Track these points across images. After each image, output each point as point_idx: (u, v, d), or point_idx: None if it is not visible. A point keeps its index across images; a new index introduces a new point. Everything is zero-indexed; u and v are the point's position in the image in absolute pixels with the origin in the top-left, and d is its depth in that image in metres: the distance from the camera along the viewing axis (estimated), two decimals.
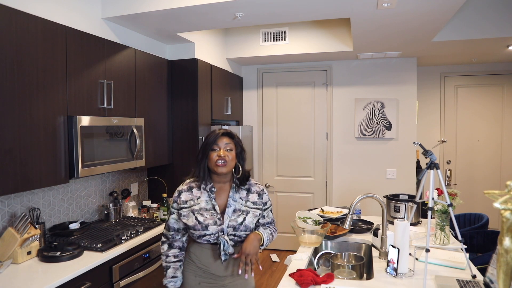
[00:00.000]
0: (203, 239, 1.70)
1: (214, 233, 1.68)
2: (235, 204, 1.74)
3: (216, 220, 1.69)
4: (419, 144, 1.97)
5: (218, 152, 1.69)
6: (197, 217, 1.68)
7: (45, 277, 1.80)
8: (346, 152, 4.48)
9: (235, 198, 1.75)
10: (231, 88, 4.28)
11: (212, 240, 1.70)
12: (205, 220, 1.68)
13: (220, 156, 1.68)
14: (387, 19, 2.76)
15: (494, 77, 4.97)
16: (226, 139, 1.73)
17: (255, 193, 1.79)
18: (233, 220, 1.70)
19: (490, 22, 3.29)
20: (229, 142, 1.73)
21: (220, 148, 1.70)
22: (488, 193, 1.30)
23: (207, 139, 1.73)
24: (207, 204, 1.71)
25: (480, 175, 5.07)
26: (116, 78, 2.62)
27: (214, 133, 1.75)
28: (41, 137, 2.02)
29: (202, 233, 1.68)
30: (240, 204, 1.74)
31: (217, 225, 1.68)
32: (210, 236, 1.69)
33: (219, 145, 1.71)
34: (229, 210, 1.71)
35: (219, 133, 1.74)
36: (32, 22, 1.97)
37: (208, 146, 1.71)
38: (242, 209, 1.74)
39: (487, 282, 1.59)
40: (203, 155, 1.73)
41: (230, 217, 1.70)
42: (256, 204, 1.77)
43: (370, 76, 4.38)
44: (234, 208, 1.73)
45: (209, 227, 1.67)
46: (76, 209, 2.66)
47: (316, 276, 1.75)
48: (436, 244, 2.25)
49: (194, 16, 2.67)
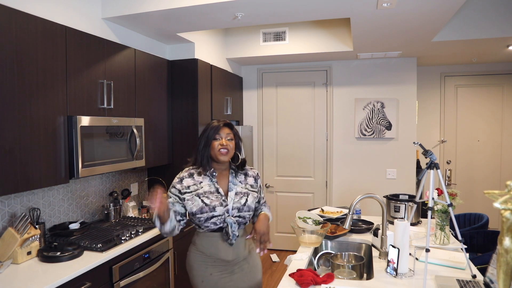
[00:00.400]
0: (210, 222, 1.76)
1: (221, 214, 1.76)
2: (236, 187, 1.86)
3: (221, 201, 1.78)
4: (419, 144, 1.97)
5: (221, 141, 1.81)
6: (203, 199, 1.77)
7: (45, 277, 1.80)
8: (346, 152, 4.48)
9: (235, 182, 1.88)
10: (231, 88, 4.29)
11: (219, 223, 1.77)
12: (211, 202, 1.76)
13: (223, 145, 1.80)
14: (387, 19, 2.76)
15: (494, 77, 4.97)
16: (227, 129, 1.85)
17: (252, 177, 1.95)
18: (236, 202, 1.82)
19: (490, 22, 3.29)
20: (229, 132, 1.85)
21: (222, 138, 1.81)
22: (488, 193, 1.30)
23: (209, 129, 1.83)
24: (210, 188, 1.80)
25: (480, 175, 5.07)
26: (116, 78, 2.62)
27: (215, 124, 1.84)
28: (41, 137, 2.02)
29: (210, 214, 1.75)
30: (241, 187, 1.87)
31: (223, 206, 1.78)
32: (217, 218, 1.76)
33: (221, 135, 1.82)
34: (232, 193, 1.83)
35: (221, 123, 1.85)
36: (32, 22, 1.97)
37: (210, 136, 1.81)
38: (243, 192, 1.86)
39: (487, 282, 1.59)
40: (205, 144, 1.82)
41: (234, 199, 1.81)
42: (253, 187, 1.93)
43: (370, 76, 4.38)
44: (236, 191, 1.84)
45: (216, 208, 1.76)
46: (76, 209, 2.66)
47: (316, 276, 1.75)
48: (436, 244, 2.25)
49: (194, 16, 2.67)
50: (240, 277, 1.84)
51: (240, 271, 1.85)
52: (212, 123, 1.86)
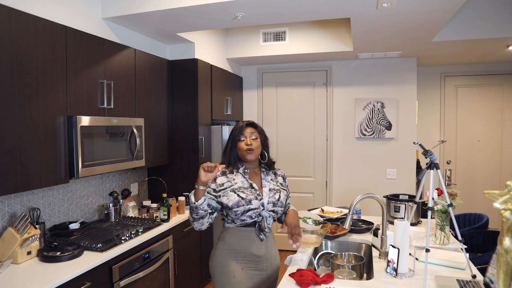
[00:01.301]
0: (246, 216, 1.80)
1: (257, 207, 1.81)
2: (269, 184, 1.92)
3: (256, 196, 1.83)
4: (419, 144, 1.97)
5: (246, 141, 1.86)
6: (239, 194, 1.81)
7: (45, 277, 1.80)
8: (346, 152, 4.48)
9: (267, 179, 1.94)
10: (231, 88, 4.28)
11: (254, 216, 1.82)
12: (247, 196, 1.81)
13: (248, 144, 1.85)
14: (387, 19, 2.76)
15: (494, 77, 4.97)
16: (250, 128, 1.91)
17: (281, 177, 2.03)
18: (271, 197, 1.87)
19: (490, 22, 3.29)
20: (253, 131, 1.90)
21: (246, 137, 1.87)
22: (488, 193, 1.30)
23: (234, 131, 1.90)
24: (243, 184, 1.85)
25: (480, 175, 5.07)
26: (116, 78, 2.62)
27: (239, 125, 1.91)
28: (41, 137, 2.02)
29: (247, 207, 1.80)
30: (273, 184, 1.93)
31: (258, 200, 1.83)
32: (253, 212, 1.81)
33: (245, 135, 1.87)
34: (266, 189, 1.89)
35: (244, 124, 1.91)
36: (32, 22, 1.97)
37: (236, 137, 1.88)
38: (276, 188, 1.92)
39: (487, 282, 1.59)
40: (232, 146, 1.89)
41: (268, 194, 1.87)
42: (283, 185, 2.00)
43: (370, 76, 4.38)
44: (270, 187, 1.90)
45: (252, 201, 1.81)
46: (76, 209, 2.66)
47: (316, 276, 1.75)
48: (436, 244, 2.25)
49: (194, 16, 2.67)
50: (269, 273, 1.92)
51: (270, 267, 1.92)
52: (237, 125, 1.92)
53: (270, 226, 1.88)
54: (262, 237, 1.85)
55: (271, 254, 1.94)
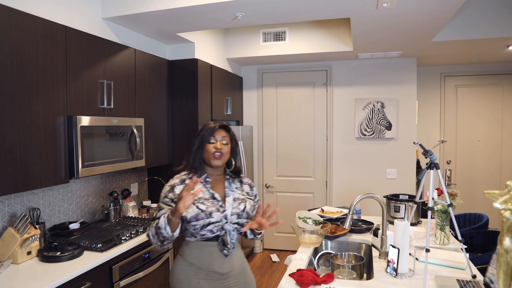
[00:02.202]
0: (206, 230, 1.64)
1: (218, 220, 1.65)
2: (233, 193, 1.74)
3: (218, 207, 1.67)
4: (419, 144, 1.97)
5: (215, 144, 1.69)
6: (198, 206, 1.64)
7: (45, 277, 1.80)
8: (346, 152, 4.48)
9: (231, 188, 1.76)
10: (231, 88, 4.29)
11: (216, 230, 1.65)
12: (207, 207, 1.64)
13: (217, 148, 1.69)
14: (387, 19, 2.76)
15: (494, 77, 4.97)
16: (223, 132, 1.74)
17: (247, 185, 1.84)
18: (235, 208, 1.70)
19: (490, 22, 3.29)
20: (225, 136, 1.73)
21: (217, 141, 1.70)
22: (488, 193, 1.30)
23: (204, 131, 1.72)
24: (204, 194, 1.69)
25: (480, 175, 5.07)
26: (116, 78, 2.62)
27: (211, 125, 1.73)
28: (41, 137, 2.02)
29: (207, 221, 1.63)
30: (238, 194, 1.76)
31: (220, 212, 1.66)
32: (214, 225, 1.64)
33: (216, 138, 1.71)
34: (229, 199, 1.71)
35: (216, 125, 1.73)
36: (32, 22, 1.97)
37: (205, 137, 1.71)
38: (241, 198, 1.75)
39: (487, 282, 1.59)
40: (199, 147, 1.71)
41: (232, 205, 1.70)
42: (249, 194, 1.81)
43: (370, 76, 4.38)
44: (234, 197, 1.73)
45: (213, 214, 1.64)
46: (76, 209, 2.66)
47: (316, 276, 1.75)
48: (436, 244, 2.25)
49: (194, 16, 2.67)
50: None
51: (235, 286, 1.71)
52: (208, 124, 1.75)
53: (234, 241, 1.70)
54: (226, 252, 1.66)
55: (239, 270, 1.73)
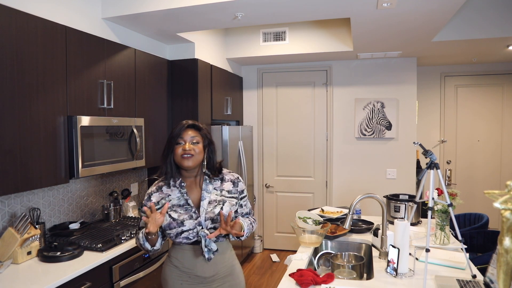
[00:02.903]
0: (181, 237, 1.61)
1: (192, 228, 1.60)
2: (210, 195, 1.67)
3: (192, 214, 1.62)
4: (419, 144, 1.97)
5: (183, 146, 1.62)
6: (170, 214, 1.61)
7: (45, 277, 1.80)
8: (346, 152, 4.48)
9: (208, 189, 1.68)
10: (231, 88, 4.29)
11: (192, 237, 1.61)
12: (179, 216, 1.61)
13: (185, 150, 1.61)
14: (387, 19, 2.76)
15: (494, 77, 4.97)
16: (192, 131, 1.66)
17: (229, 182, 1.74)
18: (209, 212, 1.63)
19: (490, 22, 3.29)
20: (195, 135, 1.65)
21: (185, 142, 1.63)
22: (488, 193, 1.30)
23: (172, 132, 1.65)
24: (179, 200, 1.64)
25: (480, 175, 5.07)
26: (116, 78, 2.62)
27: (179, 126, 1.66)
28: (41, 137, 2.02)
29: (179, 230, 1.60)
30: (215, 195, 1.68)
31: (193, 219, 1.61)
32: (188, 233, 1.60)
33: (184, 138, 1.63)
34: (204, 203, 1.64)
35: (184, 125, 1.66)
36: (32, 22, 1.97)
37: (173, 139, 1.64)
38: (217, 199, 1.67)
39: (487, 282, 1.59)
40: (168, 150, 1.65)
41: (206, 209, 1.63)
42: (231, 192, 1.72)
43: (370, 76, 4.38)
44: (209, 200, 1.66)
45: (185, 222, 1.60)
46: (76, 209, 2.66)
47: (316, 276, 1.75)
48: (436, 244, 2.25)
49: (194, 16, 2.67)
50: None
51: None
52: (175, 127, 1.67)
53: (212, 246, 1.61)
54: (207, 256, 1.60)
55: (224, 274, 1.68)
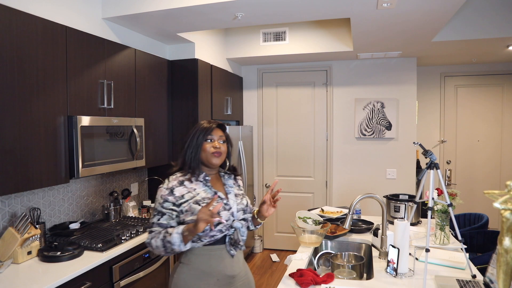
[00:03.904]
0: (216, 231, 1.58)
1: (226, 219, 1.60)
2: (233, 189, 1.73)
3: (224, 206, 1.62)
4: (419, 144, 1.97)
5: (213, 143, 1.65)
6: None
7: (46, 277, 1.80)
8: (346, 152, 4.48)
9: (230, 184, 1.74)
10: (231, 88, 4.29)
11: (225, 229, 1.60)
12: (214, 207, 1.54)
13: (216, 147, 1.64)
14: (387, 19, 2.76)
15: (494, 77, 4.97)
16: (220, 131, 1.70)
17: (240, 180, 1.84)
18: (240, 204, 1.68)
19: (490, 22, 3.29)
20: (222, 135, 1.70)
21: (214, 140, 1.66)
22: (488, 193, 1.30)
23: (200, 130, 1.66)
24: (207, 193, 1.62)
25: (480, 175, 5.07)
26: (116, 78, 2.62)
27: (206, 124, 1.67)
28: (41, 137, 2.02)
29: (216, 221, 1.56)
30: (237, 189, 1.75)
31: (227, 210, 1.62)
32: (223, 225, 1.59)
33: (214, 137, 1.66)
34: (231, 195, 1.69)
35: (213, 125, 1.68)
36: (32, 22, 1.97)
37: (202, 136, 1.65)
38: (240, 193, 1.74)
39: (487, 282, 1.59)
40: (196, 146, 1.65)
41: (236, 201, 1.68)
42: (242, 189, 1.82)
43: (370, 76, 4.38)
44: (235, 193, 1.71)
45: (221, 213, 1.59)
46: (76, 209, 2.66)
47: (316, 276, 1.75)
48: (436, 244, 2.25)
49: (194, 16, 2.67)
50: None
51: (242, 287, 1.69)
52: (202, 124, 1.69)
53: (245, 237, 1.67)
54: (233, 252, 1.63)
55: (244, 273, 1.72)
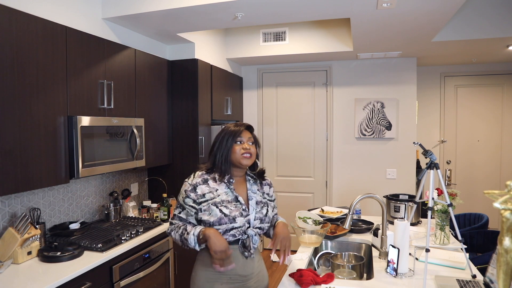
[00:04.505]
0: (228, 235, 1.59)
1: (241, 225, 1.60)
2: (256, 196, 1.71)
3: (242, 211, 1.62)
4: (419, 144, 1.97)
5: (244, 145, 1.66)
6: (221, 209, 1.59)
7: (46, 277, 1.80)
8: (346, 152, 4.48)
9: (254, 190, 1.72)
10: (231, 88, 4.29)
11: (238, 234, 1.61)
12: (231, 212, 1.59)
13: (246, 149, 1.65)
14: (387, 19, 2.76)
15: (494, 77, 4.97)
16: (249, 133, 1.71)
17: (267, 185, 1.80)
18: (259, 212, 1.67)
19: (490, 22, 3.29)
20: (251, 136, 1.71)
21: (244, 141, 1.67)
22: (488, 193, 1.30)
23: (229, 132, 1.67)
24: (227, 196, 1.64)
25: (480, 175, 5.07)
26: (116, 78, 2.62)
27: (233, 128, 1.69)
28: (41, 137, 2.02)
29: (230, 226, 1.58)
30: (260, 196, 1.72)
31: (244, 216, 1.62)
32: (237, 230, 1.60)
33: (243, 139, 1.67)
34: (252, 202, 1.68)
35: (243, 126, 1.70)
36: (32, 22, 1.97)
37: (232, 138, 1.66)
38: (262, 201, 1.72)
39: (487, 282, 1.59)
40: (225, 148, 1.65)
41: (256, 209, 1.67)
42: (269, 196, 1.79)
43: (370, 76, 4.38)
44: (256, 200, 1.70)
45: (237, 219, 1.59)
46: (76, 209, 2.66)
47: (316, 276, 1.75)
48: (436, 244, 2.25)
49: (194, 16, 2.67)
50: None
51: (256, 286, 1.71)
52: (230, 126, 1.71)
53: (256, 245, 1.67)
54: (247, 254, 1.64)
55: (258, 271, 1.72)
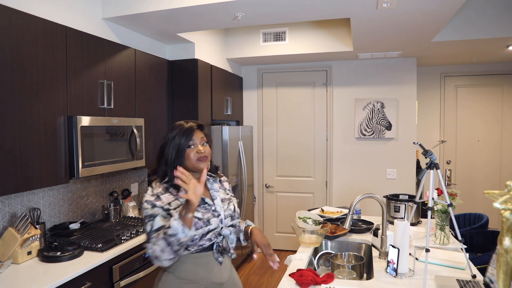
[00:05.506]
0: (205, 239, 1.50)
1: (216, 227, 1.53)
2: (218, 194, 1.62)
3: (212, 212, 1.54)
4: (419, 144, 1.97)
5: (197, 148, 1.53)
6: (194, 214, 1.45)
7: (45, 277, 1.80)
8: (346, 152, 4.48)
9: (215, 188, 1.64)
10: (231, 88, 4.29)
11: (213, 237, 1.53)
12: (203, 214, 1.50)
13: (201, 152, 1.53)
14: (387, 19, 2.76)
15: (494, 77, 4.97)
16: (200, 132, 1.57)
17: (226, 182, 1.75)
18: (227, 209, 1.59)
19: (490, 22, 3.29)
20: (203, 136, 1.58)
21: (197, 144, 1.54)
22: (488, 193, 1.30)
23: (179, 136, 1.52)
24: None
25: (480, 175, 5.07)
26: (116, 78, 2.62)
27: (184, 127, 1.54)
28: (41, 137, 2.02)
29: (206, 229, 1.49)
30: (223, 193, 1.66)
31: (216, 217, 1.54)
32: (212, 233, 1.52)
33: (195, 141, 1.53)
34: (218, 201, 1.59)
35: (193, 127, 1.55)
36: (32, 22, 1.97)
37: (183, 144, 1.51)
38: (226, 197, 1.65)
39: (487, 282, 1.59)
40: (178, 155, 1.51)
41: (223, 207, 1.58)
42: (230, 191, 1.73)
43: (370, 76, 4.38)
44: (221, 198, 1.62)
45: (211, 220, 1.51)
46: (76, 209, 2.66)
47: (316, 276, 1.75)
48: (436, 244, 2.25)
49: (194, 17, 2.67)
50: None
51: None
52: (180, 126, 1.55)
53: (234, 244, 1.61)
54: (221, 259, 1.55)
55: (233, 278, 1.65)
